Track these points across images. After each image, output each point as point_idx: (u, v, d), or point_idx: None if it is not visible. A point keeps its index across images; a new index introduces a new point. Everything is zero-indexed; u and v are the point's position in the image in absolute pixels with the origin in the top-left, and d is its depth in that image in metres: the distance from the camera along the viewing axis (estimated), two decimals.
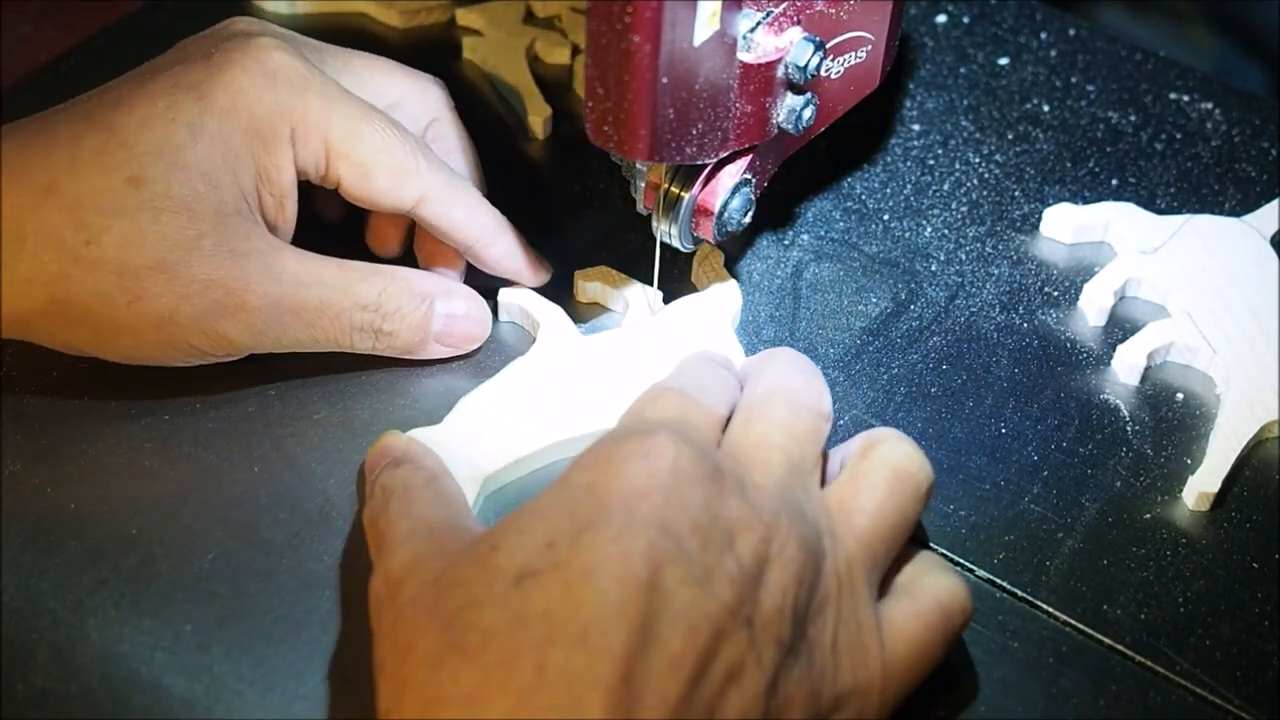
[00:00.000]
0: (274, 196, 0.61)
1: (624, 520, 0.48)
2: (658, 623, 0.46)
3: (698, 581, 0.47)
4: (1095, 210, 0.73)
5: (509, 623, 0.47)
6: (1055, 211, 0.73)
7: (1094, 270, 0.71)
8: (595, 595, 0.47)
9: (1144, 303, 0.70)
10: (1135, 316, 0.69)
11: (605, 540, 0.48)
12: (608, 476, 0.49)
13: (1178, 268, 0.69)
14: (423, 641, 0.48)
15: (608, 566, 0.47)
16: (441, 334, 0.63)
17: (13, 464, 0.60)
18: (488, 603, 0.47)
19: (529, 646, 0.46)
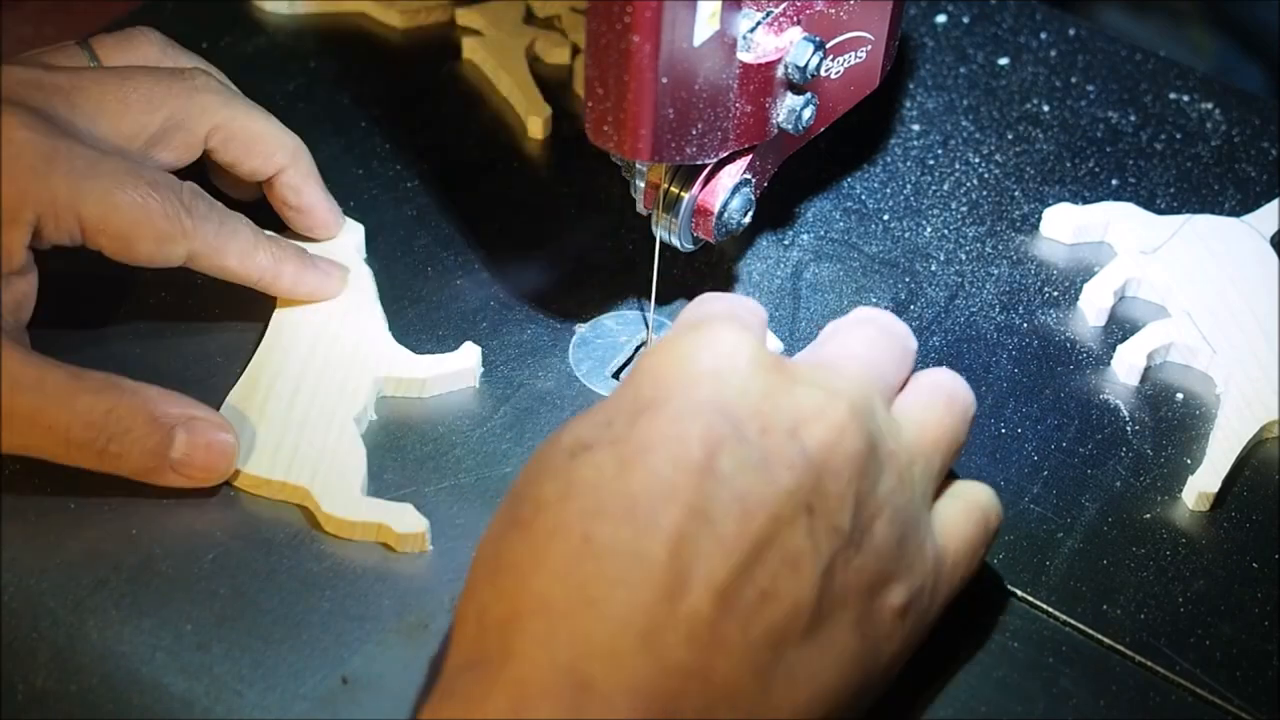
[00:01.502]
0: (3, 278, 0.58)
1: (683, 402, 0.48)
2: (711, 505, 0.46)
3: (756, 466, 0.47)
4: (1095, 210, 0.73)
5: (559, 493, 0.47)
6: (1055, 211, 0.73)
7: (1094, 270, 0.71)
8: (647, 473, 0.47)
9: (1144, 303, 0.70)
10: (1135, 316, 0.69)
11: (663, 420, 0.48)
12: (672, 362, 0.50)
13: (1178, 268, 0.69)
14: (496, 517, 0.49)
15: (663, 446, 0.47)
16: (179, 463, 0.58)
17: (13, 464, 0.60)
18: (544, 475, 0.48)
19: (576, 516, 0.46)
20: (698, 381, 0.49)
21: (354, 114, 0.76)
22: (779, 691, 0.47)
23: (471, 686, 0.46)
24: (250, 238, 0.63)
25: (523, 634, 0.45)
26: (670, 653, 0.45)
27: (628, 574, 0.45)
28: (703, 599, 0.46)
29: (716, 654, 0.46)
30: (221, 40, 0.79)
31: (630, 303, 0.69)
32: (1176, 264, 0.70)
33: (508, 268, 0.70)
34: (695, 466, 0.47)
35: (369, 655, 0.55)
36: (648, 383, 0.50)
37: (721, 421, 0.48)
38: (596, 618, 0.45)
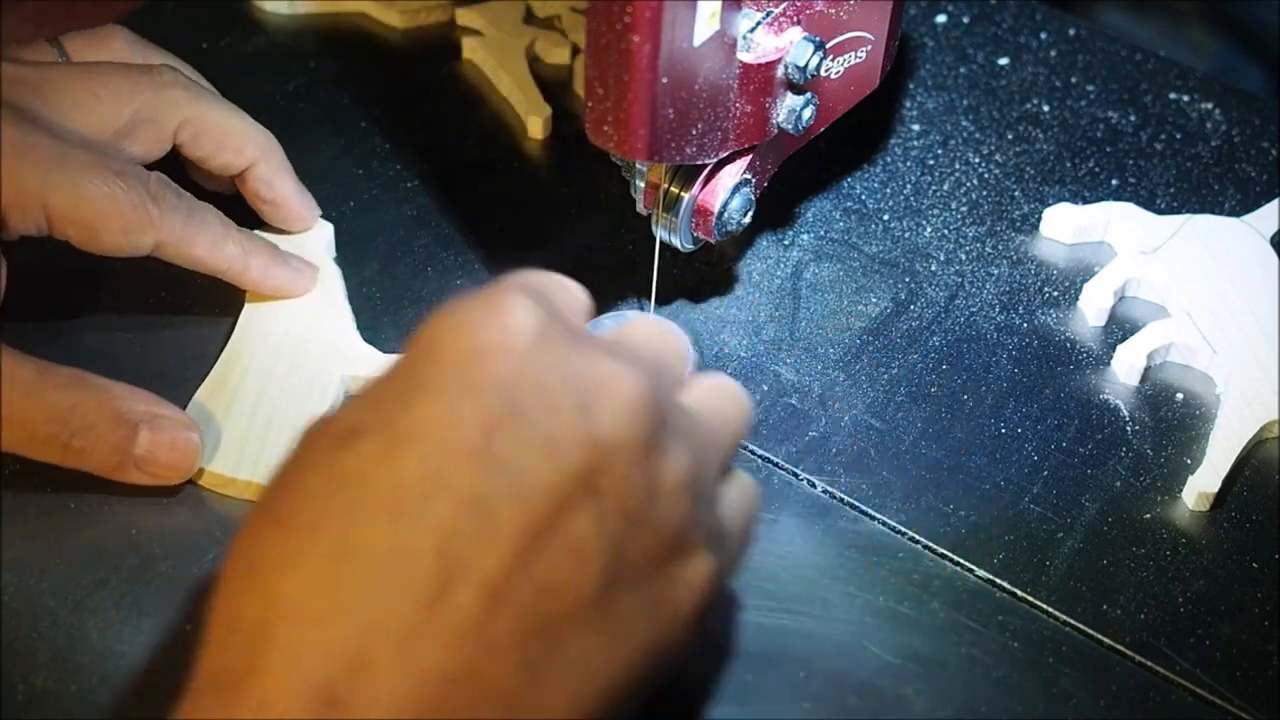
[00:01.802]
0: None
1: (458, 383, 0.44)
2: (487, 493, 0.43)
3: (537, 448, 0.43)
4: (1095, 210, 0.73)
5: (322, 486, 0.43)
6: (1055, 211, 0.73)
7: (1094, 270, 0.71)
8: (416, 462, 0.43)
9: (1144, 303, 0.70)
10: (1135, 316, 0.69)
11: (435, 403, 0.44)
12: (447, 336, 0.45)
13: (1178, 268, 0.70)
14: (256, 507, 0.45)
15: (434, 431, 0.43)
16: (142, 460, 0.58)
17: (13, 464, 0.60)
18: (308, 465, 0.44)
19: (338, 511, 0.43)
20: (475, 358, 0.44)
21: (354, 114, 0.76)
22: (554, 685, 0.43)
23: (216, 700, 0.42)
24: (219, 228, 0.63)
25: (269, 646, 0.41)
26: (432, 660, 0.41)
27: (389, 576, 0.42)
28: (470, 598, 0.42)
29: (484, 655, 0.42)
30: (221, 40, 0.79)
31: (630, 303, 0.69)
32: (1176, 264, 0.70)
33: (508, 268, 0.69)
34: (470, 451, 0.43)
35: None
36: (421, 360, 0.45)
37: (500, 401, 0.44)
38: (351, 626, 0.41)
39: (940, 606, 0.58)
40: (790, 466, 0.63)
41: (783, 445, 0.64)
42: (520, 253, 0.70)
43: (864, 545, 0.60)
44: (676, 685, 0.52)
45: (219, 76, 0.71)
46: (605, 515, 0.44)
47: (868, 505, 0.62)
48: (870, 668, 0.56)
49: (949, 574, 0.60)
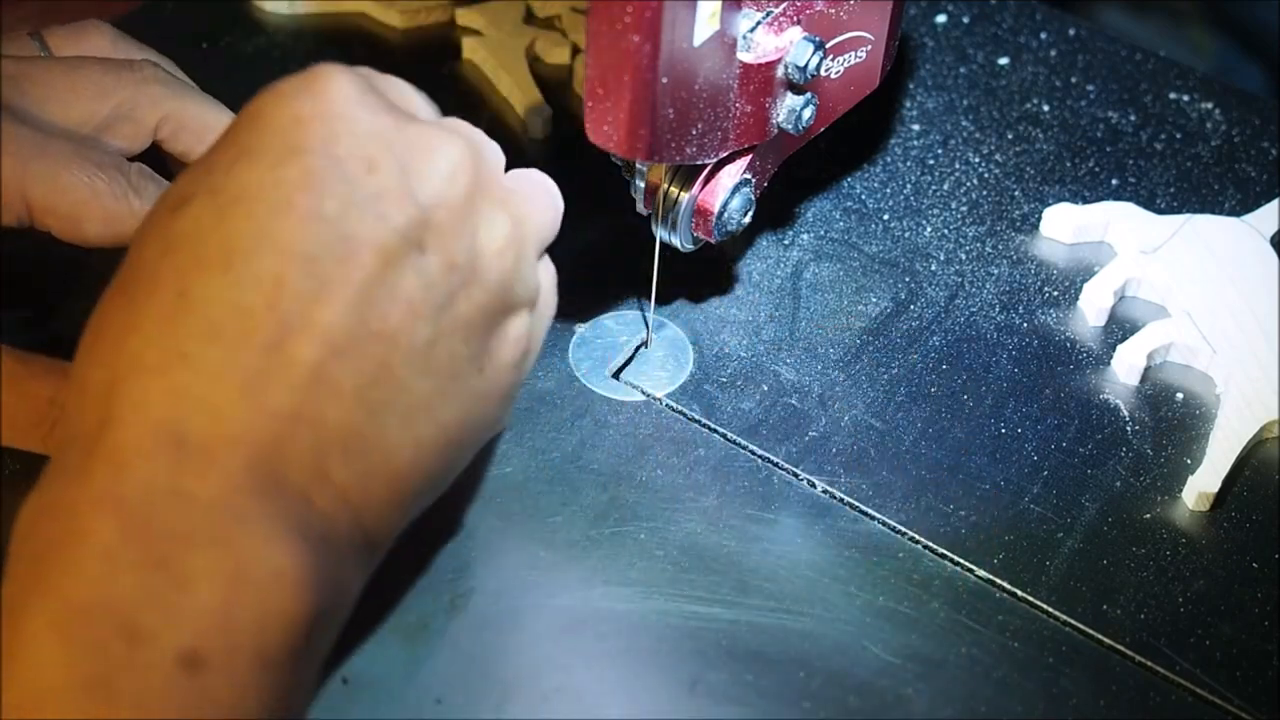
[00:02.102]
0: None
1: (282, 146, 0.46)
2: (314, 248, 0.45)
3: (361, 204, 0.46)
4: (1095, 210, 0.73)
5: (158, 251, 0.46)
6: (1055, 211, 0.73)
7: (1094, 270, 0.71)
8: (244, 221, 0.45)
9: (1144, 303, 0.70)
10: (1135, 316, 0.69)
11: (261, 166, 0.46)
12: (274, 105, 0.47)
13: (1178, 267, 0.70)
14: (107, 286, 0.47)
15: (261, 193, 0.45)
16: None
17: (13, 464, 0.60)
18: (146, 234, 0.46)
19: (173, 272, 0.45)
20: (300, 124, 0.47)
21: None
22: (395, 432, 0.47)
23: (73, 459, 0.44)
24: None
25: (119, 398, 0.44)
26: (272, 399, 0.44)
27: (225, 325, 0.44)
28: (307, 344, 0.45)
29: (325, 398, 0.45)
30: (221, 40, 0.79)
31: (630, 303, 0.69)
32: (1176, 264, 0.70)
33: None
34: (295, 210, 0.45)
35: (369, 655, 0.55)
36: (247, 127, 0.47)
37: (325, 163, 0.46)
38: (193, 373, 0.44)
39: (940, 606, 0.58)
40: (790, 466, 0.63)
41: (783, 445, 0.64)
42: None
43: (864, 545, 0.60)
44: None
45: (219, 76, 0.71)
46: (432, 269, 0.47)
47: (868, 505, 0.62)
48: (870, 668, 0.56)
49: (949, 574, 0.60)
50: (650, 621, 0.57)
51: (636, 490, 0.61)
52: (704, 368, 0.66)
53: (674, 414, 0.65)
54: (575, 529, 0.60)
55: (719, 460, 0.63)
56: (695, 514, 0.61)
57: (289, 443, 0.44)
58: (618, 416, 0.64)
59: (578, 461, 0.62)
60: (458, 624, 0.56)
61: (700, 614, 0.57)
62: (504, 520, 0.60)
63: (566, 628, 0.57)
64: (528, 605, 0.57)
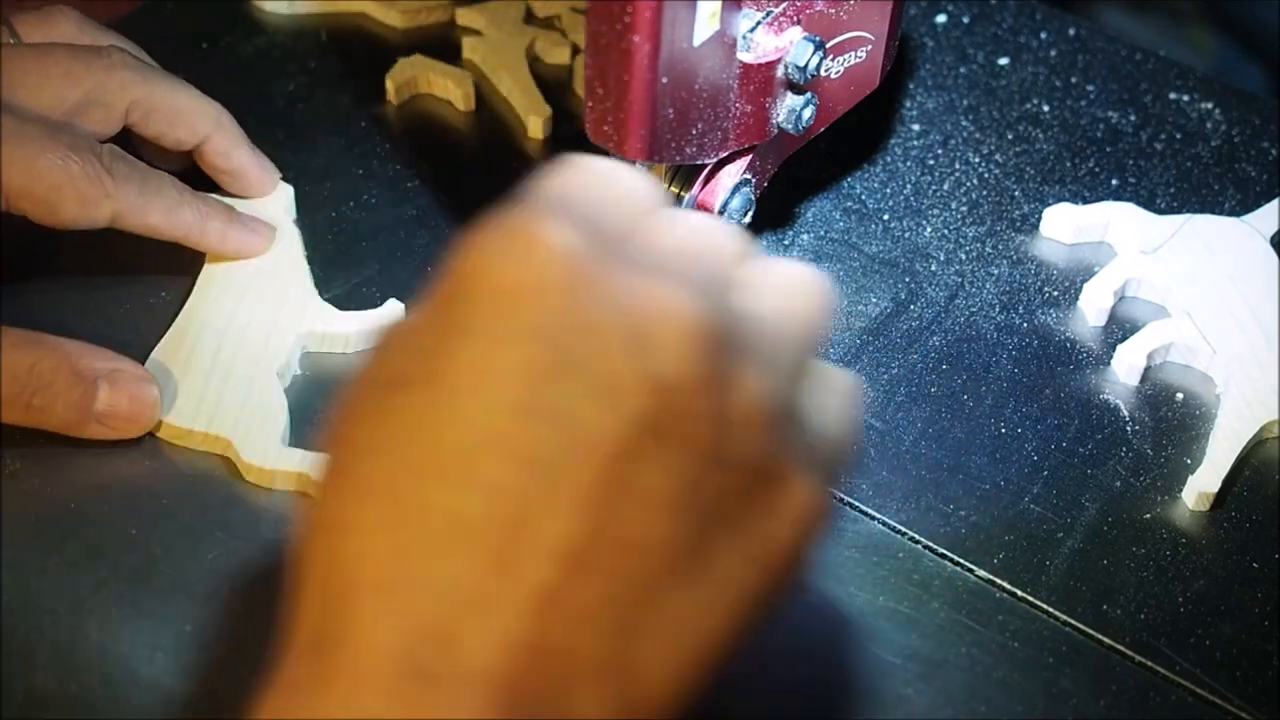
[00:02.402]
0: None
1: (495, 327, 0.40)
2: (541, 450, 0.39)
3: (590, 395, 0.40)
4: (1095, 210, 0.73)
5: (374, 441, 0.41)
6: (1055, 211, 0.73)
7: (1094, 270, 0.71)
8: (459, 419, 0.40)
9: (1144, 303, 0.70)
10: (1135, 317, 0.69)
11: (473, 352, 0.40)
12: (479, 267, 0.41)
13: (1178, 268, 0.70)
14: (323, 460, 0.43)
15: (476, 385, 0.40)
16: (103, 415, 0.59)
17: (13, 464, 0.60)
18: (359, 415, 0.42)
19: (386, 471, 0.40)
20: (513, 298, 0.40)
21: (354, 114, 0.76)
22: (654, 647, 0.40)
23: (303, 672, 0.40)
24: (175, 195, 0.64)
25: (357, 612, 0.39)
26: (508, 627, 0.39)
27: (447, 540, 0.39)
28: (545, 566, 0.39)
29: (566, 623, 0.39)
30: (221, 40, 0.79)
31: None
32: (1176, 264, 0.70)
33: None
34: (516, 406, 0.39)
35: None
36: (457, 300, 0.41)
37: (543, 348, 0.40)
38: (426, 596, 0.39)
39: (940, 606, 0.58)
40: None
41: None
42: None
43: (864, 545, 0.60)
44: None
45: (219, 76, 0.71)
46: (677, 459, 0.40)
47: (868, 505, 0.62)
48: (870, 668, 0.56)
49: (949, 574, 0.60)
50: None
51: None
52: None
53: None
54: None
55: None
56: None
57: (531, 677, 0.39)
58: None
59: None
60: None
61: None
62: None
63: None
64: None
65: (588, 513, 0.39)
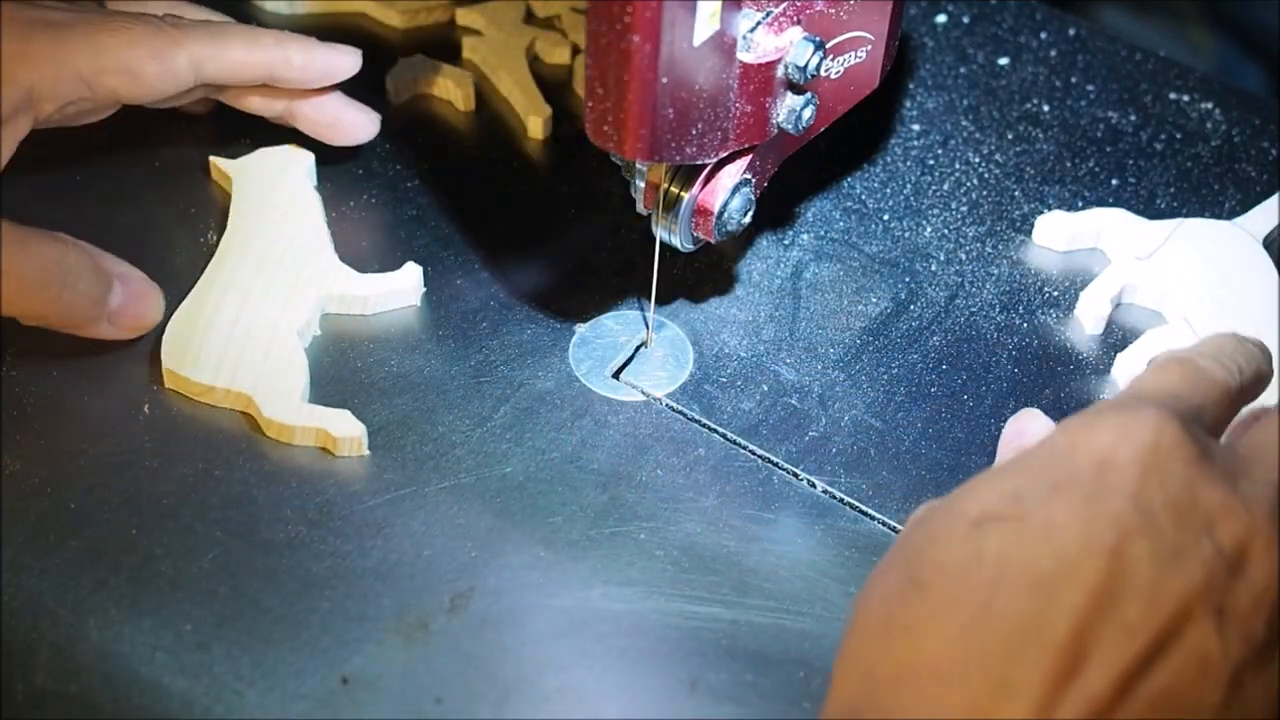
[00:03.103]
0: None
1: (1095, 485, 0.47)
2: (1117, 591, 0.45)
3: (1167, 558, 0.46)
4: (1087, 217, 0.73)
5: (962, 560, 0.47)
6: (1047, 219, 0.73)
7: (1089, 277, 0.71)
8: (1054, 551, 0.46)
9: (1140, 309, 0.70)
10: (1132, 323, 0.69)
11: (1073, 500, 0.47)
12: (1087, 442, 0.48)
13: (1172, 273, 0.70)
14: (883, 575, 0.48)
15: (1071, 526, 0.46)
16: (115, 314, 0.63)
17: (13, 464, 0.60)
18: (945, 540, 0.47)
19: (979, 583, 0.46)
20: (1114, 467, 0.47)
21: None
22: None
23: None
24: (247, 29, 0.66)
25: (913, 695, 0.45)
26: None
27: (1023, 647, 0.45)
28: (1102, 682, 0.44)
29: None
30: None
31: (630, 303, 0.69)
32: (1171, 269, 0.70)
33: (508, 268, 0.70)
34: (1104, 550, 0.46)
35: (369, 655, 0.55)
36: (1063, 460, 0.48)
37: (1135, 509, 0.46)
38: (989, 687, 0.44)
39: None
40: (790, 466, 0.63)
41: (783, 445, 0.64)
42: (520, 253, 0.70)
43: (864, 545, 0.60)
44: None
45: None
46: (1227, 635, 0.46)
47: (868, 505, 0.62)
48: None
49: None
50: (650, 621, 0.57)
51: (636, 490, 0.61)
52: (704, 368, 0.66)
53: (674, 414, 0.65)
54: (575, 529, 0.60)
55: (719, 460, 0.63)
56: (695, 514, 0.61)
57: None
58: (618, 416, 0.64)
59: (578, 461, 0.62)
60: (458, 624, 0.57)
61: (700, 614, 0.57)
62: (504, 520, 0.60)
63: (566, 628, 0.57)
64: (528, 605, 0.57)
65: (1144, 650, 0.45)
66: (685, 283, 0.69)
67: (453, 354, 0.66)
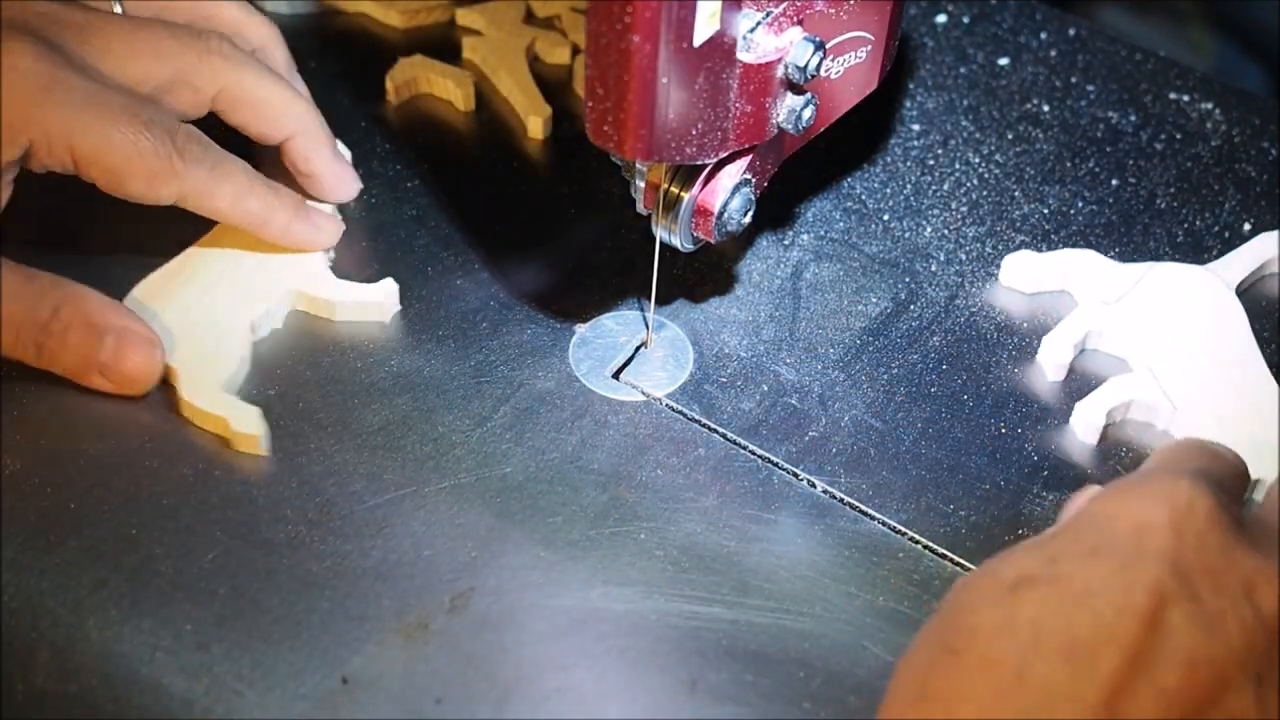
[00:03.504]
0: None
1: (1132, 551, 0.47)
2: (1153, 656, 0.45)
3: (1204, 625, 0.46)
4: (1054, 259, 0.70)
5: (997, 625, 0.47)
6: (1014, 260, 0.70)
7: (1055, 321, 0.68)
8: (1090, 615, 0.46)
9: (1105, 355, 0.68)
10: (1096, 370, 0.67)
11: (1109, 566, 0.47)
12: (1123, 509, 0.49)
13: (1140, 319, 0.67)
14: (920, 642, 0.49)
15: (1108, 591, 0.46)
16: (106, 367, 0.61)
17: (13, 464, 0.60)
18: (981, 604, 0.48)
19: (1013, 650, 0.46)
20: (1151, 533, 0.48)
21: (354, 114, 0.76)
22: None
23: None
24: (245, 183, 0.65)
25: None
26: None
27: (1060, 714, 0.45)
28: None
29: None
30: None
31: (630, 303, 0.69)
32: (1138, 315, 0.67)
33: (508, 268, 0.70)
34: (1140, 615, 0.46)
35: (369, 655, 0.55)
36: (1099, 527, 0.49)
37: (1171, 575, 0.47)
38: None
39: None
40: (790, 466, 0.63)
41: (783, 445, 0.64)
42: (520, 253, 0.70)
43: (864, 545, 0.60)
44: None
45: None
46: (1266, 702, 0.46)
47: (868, 505, 0.62)
48: (870, 668, 0.56)
49: (949, 574, 0.60)
50: (650, 621, 0.57)
51: (636, 490, 0.61)
52: (704, 368, 0.66)
53: (674, 414, 0.65)
54: (575, 529, 0.60)
55: (719, 460, 0.63)
56: (695, 514, 0.61)
57: None
58: (618, 416, 0.64)
59: (578, 461, 0.62)
60: (458, 624, 0.57)
61: (700, 614, 0.57)
62: (504, 520, 0.60)
63: (566, 628, 0.57)
64: (528, 605, 0.57)
65: (1177, 714, 0.45)
66: (685, 283, 0.69)
67: (453, 354, 0.66)
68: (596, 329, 0.68)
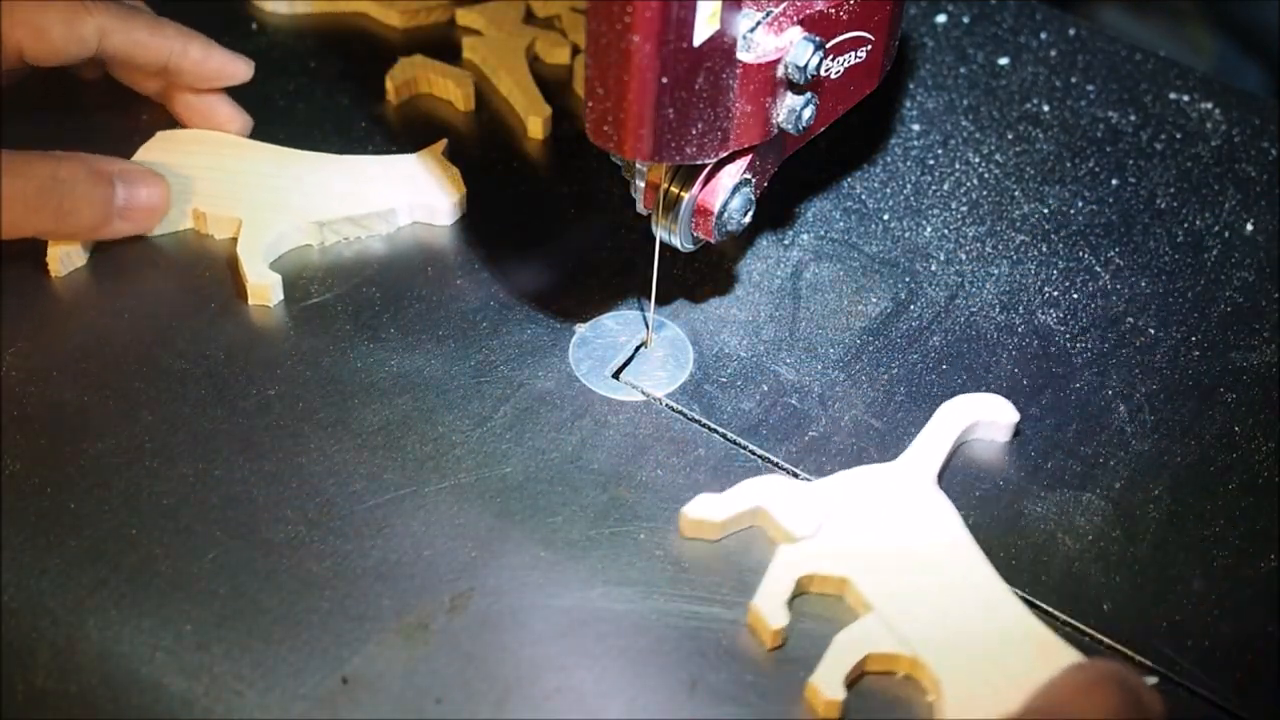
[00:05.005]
0: None
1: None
2: None
3: None
4: (736, 496, 0.60)
5: None
6: (693, 508, 0.59)
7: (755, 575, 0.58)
8: None
9: (826, 599, 0.58)
10: (817, 615, 0.57)
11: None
12: (1077, 697, 0.51)
13: (848, 548, 0.58)
14: None
15: None
16: (124, 210, 0.65)
17: (13, 464, 0.60)
18: None
19: None
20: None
21: (354, 114, 0.76)
22: None
23: None
24: (154, 16, 0.68)
25: None
26: None
27: None
28: None
29: None
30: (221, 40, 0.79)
31: (630, 303, 0.69)
32: (845, 543, 0.58)
33: (508, 268, 0.70)
34: None
35: (369, 655, 0.55)
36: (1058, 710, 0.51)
37: None
38: None
39: None
40: (790, 466, 0.63)
41: (783, 445, 0.64)
42: (520, 253, 0.70)
43: None
44: None
45: None
46: None
47: None
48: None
49: None
50: (650, 621, 0.57)
51: (636, 490, 0.61)
52: (704, 368, 0.66)
53: (674, 414, 0.65)
54: (575, 529, 0.60)
55: (719, 460, 0.63)
56: None
57: None
58: (618, 416, 0.64)
59: (578, 461, 0.62)
60: (458, 624, 0.57)
61: (700, 614, 0.57)
62: (504, 520, 0.60)
63: (566, 628, 0.57)
64: (528, 605, 0.57)
65: None
66: (685, 283, 0.69)
67: (453, 354, 0.66)
68: (596, 329, 0.68)
